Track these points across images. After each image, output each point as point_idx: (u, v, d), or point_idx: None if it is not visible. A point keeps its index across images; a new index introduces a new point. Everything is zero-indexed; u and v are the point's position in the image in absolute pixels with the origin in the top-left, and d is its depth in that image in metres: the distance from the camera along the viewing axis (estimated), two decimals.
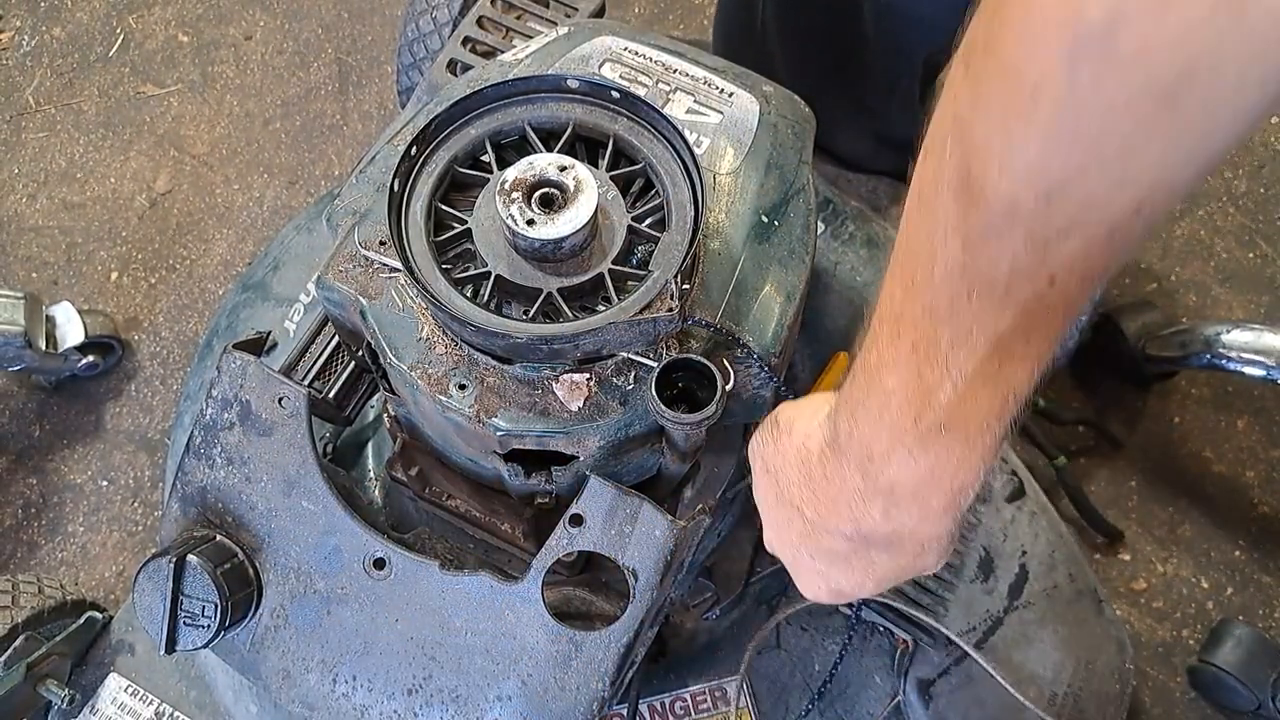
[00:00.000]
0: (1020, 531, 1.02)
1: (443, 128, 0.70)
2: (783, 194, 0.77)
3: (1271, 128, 1.55)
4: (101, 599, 1.26)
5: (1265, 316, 1.43)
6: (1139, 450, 1.37)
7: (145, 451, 1.39)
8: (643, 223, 0.69)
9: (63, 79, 1.65)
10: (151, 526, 1.35)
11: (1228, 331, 1.21)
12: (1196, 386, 1.40)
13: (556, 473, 0.72)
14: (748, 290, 0.72)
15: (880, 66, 1.12)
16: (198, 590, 0.70)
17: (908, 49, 1.11)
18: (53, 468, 1.39)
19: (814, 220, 0.78)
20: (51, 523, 1.36)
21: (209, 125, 1.61)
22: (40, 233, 1.54)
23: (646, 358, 0.67)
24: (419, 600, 0.72)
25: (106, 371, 1.43)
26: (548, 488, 0.73)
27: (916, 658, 0.97)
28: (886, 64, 1.12)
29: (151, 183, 1.57)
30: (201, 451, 0.75)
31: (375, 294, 0.69)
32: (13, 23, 1.70)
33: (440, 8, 1.18)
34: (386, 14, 1.68)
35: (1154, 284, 1.46)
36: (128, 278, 1.50)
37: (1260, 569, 1.31)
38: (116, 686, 1.01)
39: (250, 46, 1.66)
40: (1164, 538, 1.33)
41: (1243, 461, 1.36)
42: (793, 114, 0.82)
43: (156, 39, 1.68)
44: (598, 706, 0.70)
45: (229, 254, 1.52)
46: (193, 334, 1.46)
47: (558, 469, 0.71)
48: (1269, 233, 1.48)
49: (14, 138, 1.61)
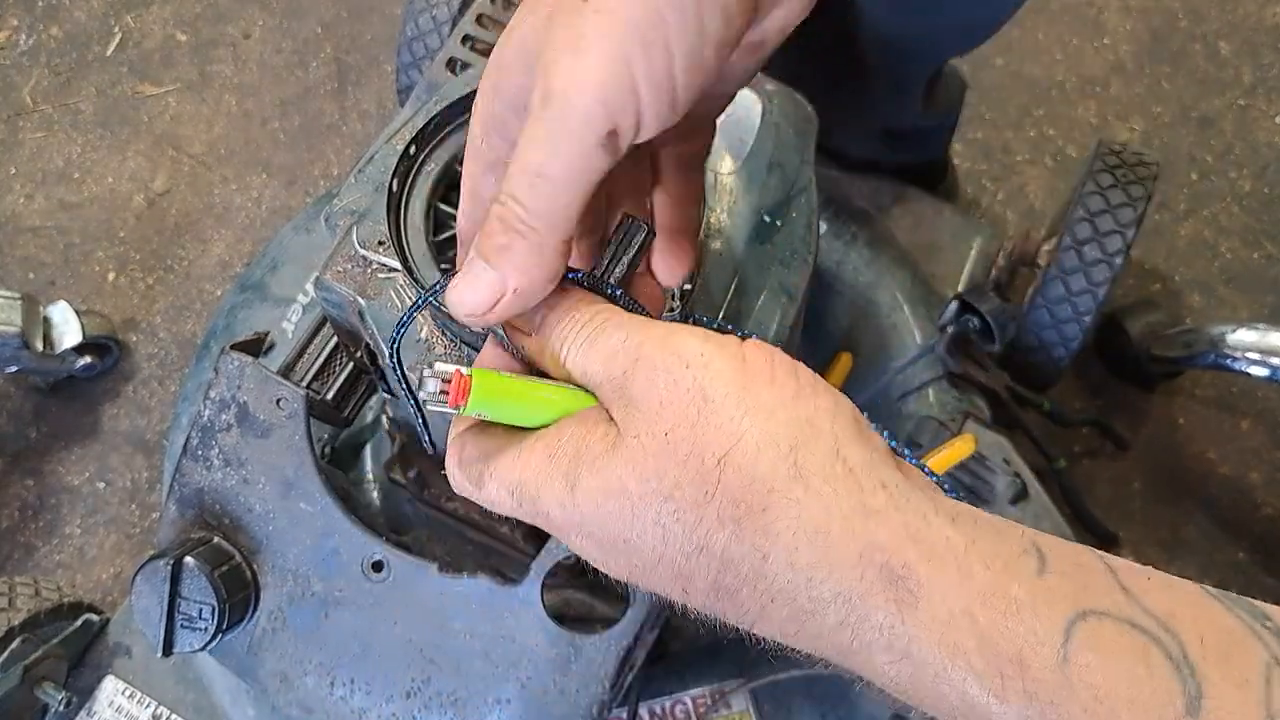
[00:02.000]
0: None
1: (442, 127, 0.69)
2: (785, 194, 0.76)
3: (1277, 128, 1.54)
4: (99, 601, 1.26)
5: (1270, 317, 1.43)
6: (1143, 451, 1.37)
7: (142, 453, 1.39)
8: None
9: (60, 78, 1.65)
10: (149, 528, 1.34)
11: (1233, 332, 1.20)
12: (1201, 387, 1.39)
13: None
14: (749, 290, 0.71)
15: (881, 84, 1.11)
16: (195, 592, 0.69)
17: (907, 74, 1.11)
18: (49, 469, 1.38)
19: (816, 220, 0.78)
20: (48, 525, 1.35)
21: (207, 124, 1.61)
22: (37, 233, 1.53)
23: None
24: (417, 603, 0.71)
25: (103, 372, 1.42)
26: None
27: None
28: (887, 82, 1.12)
29: (149, 182, 1.57)
30: (199, 453, 0.75)
31: (374, 294, 0.68)
32: (10, 22, 1.69)
33: (439, 6, 1.18)
34: (385, 12, 1.67)
35: (1158, 284, 1.46)
36: (125, 278, 1.50)
37: (1264, 571, 1.30)
38: (113, 689, 1.00)
39: (248, 45, 1.66)
40: (1167, 539, 1.32)
41: (1247, 463, 1.35)
42: (795, 113, 0.82)
43: (154, 38, 1.67)
44: (598, 709, 0.69)
45: (227, 254, 1.51)
46: (190, 335, 1.45)
47: None
48: (1274, 233, 1.48)
49: (11, 137, 1.60)
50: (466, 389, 0.42)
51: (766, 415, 0.36)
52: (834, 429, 0.36)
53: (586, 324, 0.42)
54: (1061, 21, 1.63)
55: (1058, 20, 1.63)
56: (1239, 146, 1.54)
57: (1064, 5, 1.64)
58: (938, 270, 1.18)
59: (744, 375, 0.37)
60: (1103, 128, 1.56)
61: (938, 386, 1.08)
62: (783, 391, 0.37)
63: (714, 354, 0.38)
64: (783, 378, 0.37)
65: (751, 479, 0.35)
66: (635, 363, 0.39)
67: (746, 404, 0.36)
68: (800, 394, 0.37)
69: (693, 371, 0.37)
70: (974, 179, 1.53)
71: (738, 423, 0.36)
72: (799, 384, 0.38)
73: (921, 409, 1.06)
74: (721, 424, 0.36)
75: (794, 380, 0.38)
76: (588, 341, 0.41)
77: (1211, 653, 0.32)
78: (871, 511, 0.35)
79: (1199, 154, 1.54)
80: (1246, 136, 1.54)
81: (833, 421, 0.37)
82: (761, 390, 0.37)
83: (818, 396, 0.37)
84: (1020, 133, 1.56)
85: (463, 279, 0.43)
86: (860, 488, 0.35)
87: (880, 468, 0.36)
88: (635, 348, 0.39)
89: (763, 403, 0.36)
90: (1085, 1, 1.64)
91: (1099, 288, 1.16)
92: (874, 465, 0.36)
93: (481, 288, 0.42)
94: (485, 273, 0.42)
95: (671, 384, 0.37)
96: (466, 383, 0.42)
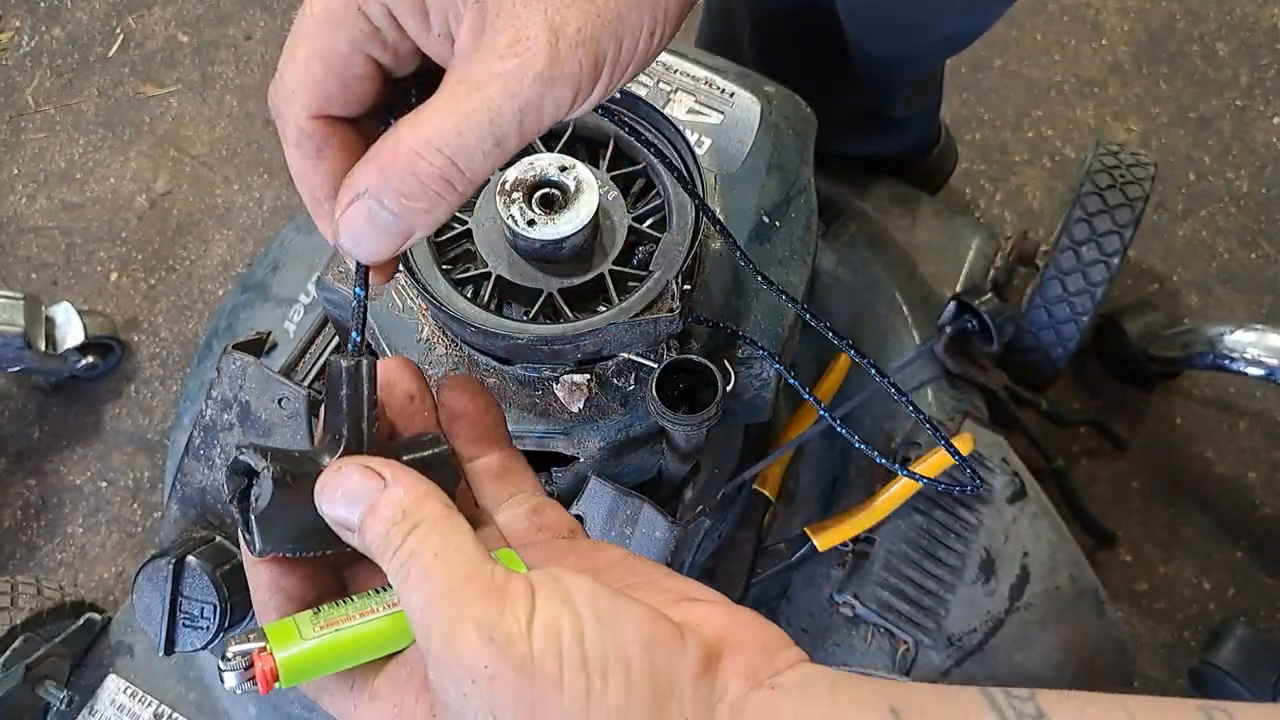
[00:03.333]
0: (1022, 533, 1.02)
1: None
2: (784, 194, 0.76)
3: (1274, 129, 1.55)
4: (100, 600, 1.26)
5: (1267, 317, 1.43)
6: (1141, 451, 1.37)
7: (144, 452, 1.39)
8: (644, 223, 0.68)
9: (62, 79, 1.65)
10: (150, 528, 1.35)
11: (1230, 332, 1.21)
12: (1199, 387, 1.40)
13: (557, 474, 0.71)
14: (749, 291, 0.71)
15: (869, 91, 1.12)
16: (197, 591, 0.69)
17: (891, 82, 1.12)
18: (52, 469, 1.39)
19: (815, 221, 0.78)
20: (50, 524, 1.36)
21: (209, 125, 1.61)
22: (40, 233, 1.53)
23: (647, 359, 0.66)
24: None
25: (106, 372, 1.42)
26: (548, 489, 0.73)
27: (918, 659, 0.97)
28: (873, 90, 1.12)
29: (151, 183, 1.57)
30: (201, 452, 0.75)
31: (375, 295, 0.69)
32: (12, 23, 1.70)
33: None
34: None
35: (1156, 284, 1.46)
36: (127, 278, 1.50)
37: (1262, 570, 1.30)
38: (115, 688, 1.01)
39: (250, 46, 1.66)
40: (1166, 539, 1.32)
41: (1245, 462, 1.36)
42: (794, 114, 0.82)
43: (156, 39, 1.68)
44: None
45: (228, 254, 1.51)
46: (192, 335, 1.46)
47: (558, 470, 0.71)
48: (1271, 233, 1.48)
49: (13, 138, 1.60)
50: (273, 675, 0.39)
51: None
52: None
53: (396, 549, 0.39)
54: (1059, 22, 1.63)
55: (1056, 21, 1.63)
56: (1236, 147, 1.54)
57: (1062, 6, 1.64)
58: (936, 270, 1.19)
59: (532, 690, 0.36)
60: (1100, 128, 1.56)
61: (936, 386, 1.09)
62: (573, 701, 0.36)
63: (498, 667, 0.36)
64: (571, 678, 0.36)
65: None
66: (427, 652, 0.38)
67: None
68: (590, 700, 0.36)
69: (478, 688, 0.36)
70: (972, 179, 1.54)
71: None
72: (589, 680, 0.36)
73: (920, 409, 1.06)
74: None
75: (583, 678, 0.36)
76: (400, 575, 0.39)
77: None
78: None
79: (1196, 155, 1.54)
80: (1244, 137, 1.55)
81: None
82: (550, 706, 0.36)
83: (609, 693, 0.36)
84: (1018, 133, 1.57)
85: (359, 223, 0.42)
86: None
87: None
88: (427, 629, 0.38)
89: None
90: (1083, 2, 1.65)
91: (1097, 288, 1.16)
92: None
93: (389, 239, 0.42)
94: (394, 225, 0.42)
95: (461, 699, 0.37)
96: (270, 671, 0.39)
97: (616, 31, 0.40)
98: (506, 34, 0.39)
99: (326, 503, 0.41)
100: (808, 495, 1.04)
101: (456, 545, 0.39)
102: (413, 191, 0.40)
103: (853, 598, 0.95)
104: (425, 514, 0.40)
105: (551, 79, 0.39)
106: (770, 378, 0.71)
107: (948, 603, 0.98)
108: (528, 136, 0.41)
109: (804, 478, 1.05)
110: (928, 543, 0.98)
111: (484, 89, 0.39)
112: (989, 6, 0.95)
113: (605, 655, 0.37)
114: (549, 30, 0.39)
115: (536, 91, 0.39)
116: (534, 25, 0.39)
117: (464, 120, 0.39)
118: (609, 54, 0.40)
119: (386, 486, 0.41)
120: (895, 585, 0.96)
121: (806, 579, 0.99)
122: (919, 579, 0.97)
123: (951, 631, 0.97)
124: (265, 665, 0.38)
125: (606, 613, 0.38)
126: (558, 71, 0.39)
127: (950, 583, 0.99)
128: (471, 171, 0.40)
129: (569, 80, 0.40)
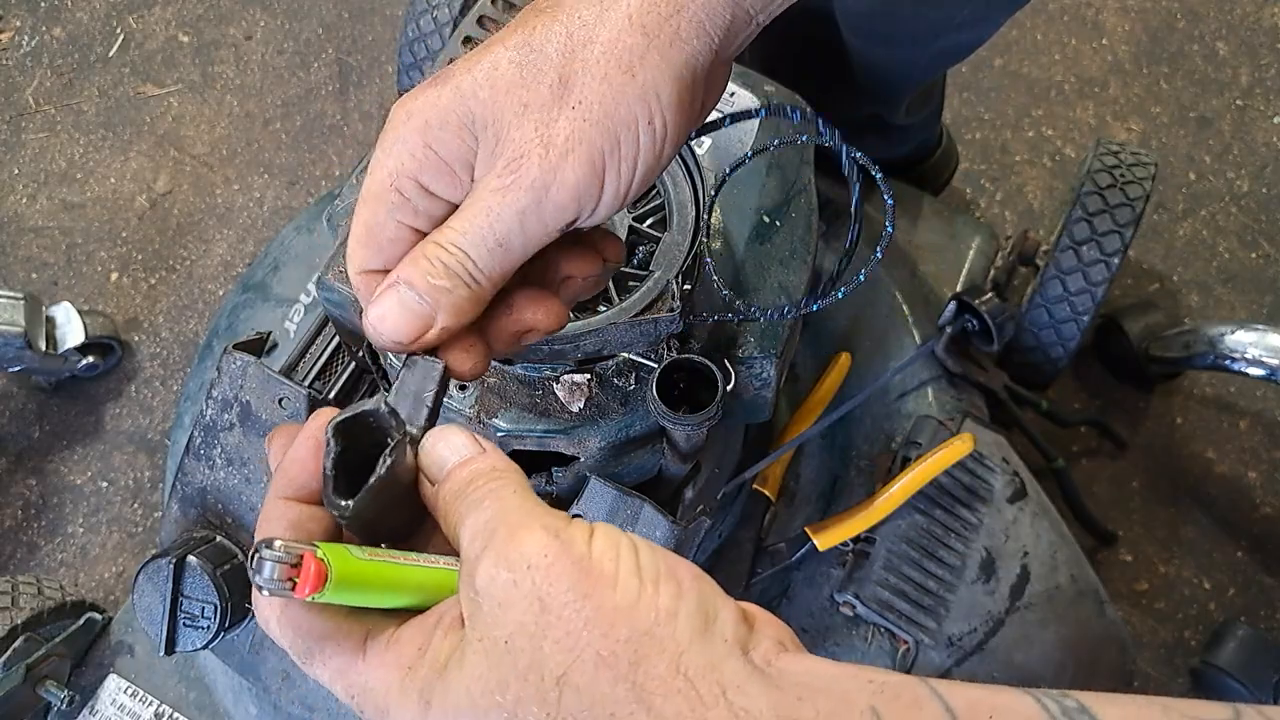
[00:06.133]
0: (1022, 532, 1.02)
1: None
2: (784, 194, 0.76)
3: (1275, 128, 1.55)
4: (101, 600, 1.26)
5: (1268, 317, 1.43)
6: (1141, 451, 1.37)
7: (145, 452, 1.39)
8: (644, 223, 0.68)
9: (63, 79, 1.65)
10: (151, 527, 1.35)
11: (1231, 332, 1.21)
12: (1199, 387, 1.40)
13: (557, 474, 0.71)
14: (749, 290, 0.71)
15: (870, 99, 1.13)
16: (197, 591, 0.69)
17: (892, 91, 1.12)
18: (52, 469, 1.39)
19: (816, 220, 0.78)
20: (51, 524, 1.36)
21: (209, 125, 1.61)
22: (40, 233, 1.54)
23: (648, 358, 0.66)
24: None
25: (106, 372, 1.42)
26: (548, 489, 0.73)
27: (918, 659, 0.97)
28: (874, 98, 1.13)
29: (151, 183, 1.57)
30: (201, 452, 0.75)
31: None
32: (13, 23, 1.70)
33: (441, 7, 1.18)
34: (387, 14, 1.68)
35: (1156, 284, 1.46)
36: (128, 278, 1.50)
37: (1262, 570, 1.30)
38: (116, 688, 1.01)
39: (250, 46, 1.66)
40: (1166, 538, 1.32)
41: (1245, 462, 1.36)
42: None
43: (157, 39, 1.68)
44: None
45: (229, 254, 1.51)
46: (193, 335, 1.46)
47: (558, 470, 0.71)
48: (1271, 233, 1.48)
49: (14, 138, 1.60)
50: (322, 576, 0.37)
51: (605, 629, 0.36)
52: (675, 635, 0.37)
53: (476, 487, 0.42)
54: (1060, 22, 1.63)
55: (1056, 21, 1.63)
56: (1237, 147, 1.54)
57: (1062, 6, 1.64)
58: (936, 270, 1.19)
59: (586, 581, 0.37)
60: (1101, 128, 1.56)
61: (936, 386, 1.09)
62: (624, 597, 0.37)
63: (557, 556, 0.37)
64: (625, 578, 0.37)
65: (591, 701, 0.36)
66: (484, 551, 0.39)
67: (586, 615, 0.36)
68: (641, 598, 0.37)
69: (533, 574, 0.37)
70: (972, 179, 1.54)
71: (576, 636, 0.36)
72: (641, 584, 0.38)
73: (920, 408, 1.06)
74: (560, 638, 0.36)
75: (636, 580, 0.38)
76: (471, 506, 0.41)
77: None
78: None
79: (1197, 154, 1.54)
80: (1244, 137, 1.55)
81: (674, 626, 0.37)
82: (603, 598, 0.37)
83: (660, 597, 0.37)
84: (1019, 133, 1.57)
85: (389, 304, 0.46)
86: (700, 700, 0.36)
87: (723, 666, 0.36)
88: (489, 534, 0.39)
89: (603, 613, 0.37)
90: (1083, 2, 1.65)
91: (1097, 288, 1.16)
92: (715, 667, 0.36)
93: (412, 318, 0.46)
94: (417, 304, 0.46)
95: (511, 585, 0.37)
96: (321, 569, 0.37)
97: (609, 129, 0.44)
98: (506, 155, 0.44)
99: (432, 445, 0.44)
100: (808, 495, 1.04)
101: (532, 496, 0.42)
102: (435, 271, 0.45)
103: (853, 597, 0.95)
104: (511, 476, 0.43)
105: (545, 185, 0.44)
106: (770, 377, 0.71)
107: (948, 602, 0.98)
108: (534, 237, 0.45)
109: (804, 477, 1.05)
110: (928, 542, 0.98)
111: (485, 200, 0.45)
112: (988, 21, 0.95)
113: (658, 570, 0.39)
114: (541, 144, 0.44)
115: (531, 198, 0.44)
116: (528, 143, 0.44)
117: (468, 223, 0.45)
118: (606, 153, 0.44)
119: (485, 453, 0.44)
120: (896, 585, 0.96)
121: (807, 579, 0.99)
122: (919, 579, 0.97)
123: (952, 631, 0.96)
124: (313, 566, 0.37)
125: (660, 550, 0.40)
126: (550, 178, 0.44)
127: (951, 582, 0.99)
128: (482, 263, 0.45)
129: (565, 185, 0.44)
